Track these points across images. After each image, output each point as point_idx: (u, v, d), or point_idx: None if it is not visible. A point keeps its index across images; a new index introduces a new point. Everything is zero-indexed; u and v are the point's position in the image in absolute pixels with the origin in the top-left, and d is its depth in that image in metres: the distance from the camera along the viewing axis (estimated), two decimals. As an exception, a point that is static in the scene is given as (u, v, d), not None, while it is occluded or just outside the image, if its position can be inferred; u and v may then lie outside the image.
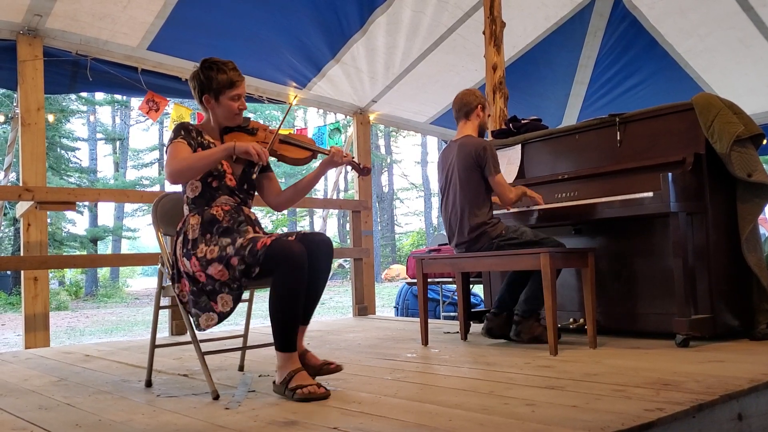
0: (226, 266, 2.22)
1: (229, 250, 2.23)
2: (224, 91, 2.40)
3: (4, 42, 4.32)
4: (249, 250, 2.19)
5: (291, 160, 2.53)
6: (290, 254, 2.15)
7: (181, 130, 2.39)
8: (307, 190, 2.57)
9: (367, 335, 4.12)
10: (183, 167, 2.27)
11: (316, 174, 2.54)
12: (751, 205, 3.08)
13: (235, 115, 2.45)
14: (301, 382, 2.13)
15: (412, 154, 35.89)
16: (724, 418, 1.82)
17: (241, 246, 2.22)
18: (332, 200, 8.63)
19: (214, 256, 2.24)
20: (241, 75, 2.45)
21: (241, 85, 2.43)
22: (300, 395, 2.08)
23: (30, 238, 4.26)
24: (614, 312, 3.40)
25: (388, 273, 20.41)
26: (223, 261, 2.22)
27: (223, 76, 2.39)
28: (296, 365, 2.19)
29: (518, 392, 2.08)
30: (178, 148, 2.33)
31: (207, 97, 2.42)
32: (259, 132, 2.52)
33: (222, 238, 2.30)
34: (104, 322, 11.87)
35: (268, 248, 2.16)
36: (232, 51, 5.08)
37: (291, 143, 2.55)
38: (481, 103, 3.42)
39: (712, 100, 3.09)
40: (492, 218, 3.27)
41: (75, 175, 21.42)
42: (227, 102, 2.41)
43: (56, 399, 2.32)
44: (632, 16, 5.72)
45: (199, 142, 2.42)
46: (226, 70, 2.40)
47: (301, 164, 2.59)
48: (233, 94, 2.41)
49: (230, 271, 2.22)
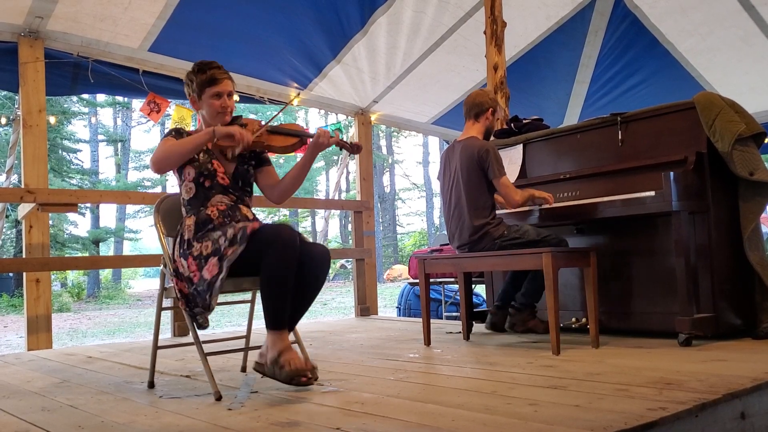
0: (219, 259, 2.23)
1: (221, 242, 2.25)
2: (205, 89, 2.45)
3: (5, 44, 4.33)
4: (240, 236, 2.22)
5: (279, 149, 2.53)
6: (279, 232, 2.18)
7: (173, 131, 2.48)
8: (302, 175, 2.56)
9: (370, 335, 4.12)
10: (166, 155, 2.33)
11: (307, 158, 2.53)
12: (753, 204, 3.08)
13: (217, 114, 2.47)
14: (289, 358, 2.16)
15: (414, 155, 35.95)
16: (726, 417, 1.81)
17: (233, 235, 2.24)
18: (334, 201, 8.64)
19: (209, 251, 2.26)
20: (226, 74, 2.47)
21: (223, 83, 2.45)
22: (288, 371, 2.13)
23: (32, 240, 4.26)
24: (616, 311, 3.39)
25: (390, 273, 20.39)
26: (218, 254, 2.24)
27: (203, 75, 2.45)
28: (285, 343, 2.21)
29: (521, 392, 2.08)
30: (166, 142, 2.40)
31: (193, 97, 2.49)
32: (249, 126, 2.52)
33: (212, 233, 2.32)
34: (106, 323, 11.88)
35: (257, 230, 2.21)
36: (233, 52, 5.09)
37: (279, 132, 2.54)
38: (493, 106, 3.42)
39: (714, 99, 3.09)
40: (494, 218, 3.27)
41: (76, 176, 21.45)
42: (208, 100, 2.46)
43: (59, 401, 2.32)
44: (633, 15, 5.72)
45: None
46: (206, 69, 2.45)
47: (289, 152, 2.58)
48: (213, 92, 2.44)
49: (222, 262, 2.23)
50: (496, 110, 3.44)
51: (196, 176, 2.42)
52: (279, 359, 2.17)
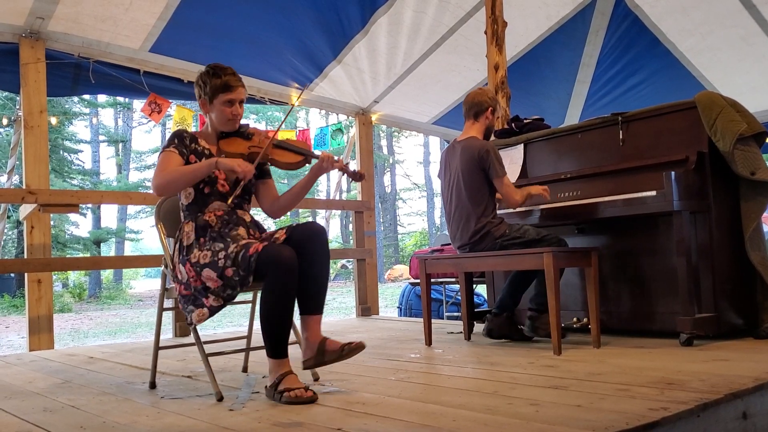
0: (220, 277, 2.21)
1: (221, 256, 2.22)
2: (218, 95, 2.42)
3: (6, 45, 4.33)
4: (242, 257, 2.18)
5: (283, 164, 2.51)
6: (279, 260, 2.14)
7: (175, 138, 2.43)
8: (301, 195, 2.56)
9: (371, 336, 4.12)
10: (166, 182, 2.30)
11: (308, 179, 2.51)
12: (755, 203, 3.07)
13: (227, 120, 2.45)
14: (289, 385, 2.13)
15: (415, 155, 35.95)
16: (728, 417, 1.81)
17: (235, 254, 2.20)
18: (335, 201, 8.64)
19: (207, 261, 2.24)
20: (240, 81, 2.44)
21: (237, 90, 2.42)
22: (287, 398, 2.09)
23: (33, 241, 4.27)
24: (618, 311, 3.39)
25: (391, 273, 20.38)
26: (218, 270, 2.21)
27: (218, 80, 2.41)
28: (285, 369, 2.19)
29: (522, 392, 2.08)
30: (167, 158, 2.36)
31: (203, 100, 2.46)
32: (255, 137, 2.51)
33: (215, 243, 2.30)
34: (108, 324, 11.89)
35: (259, 255, 2.16)
36: (234, 52, 5.09)
37: (285, 148, 2.53)
38: (492, 105, 3.40)
39: (715, 99, 3.09)
40: (495, 218, 3.27)
41: (78, 177, 21.47)
42: (220, 106, 2.43)
43: (60, 401, 2.33)
44: (634, 15, 5.71)
45: (193, 149, 2.44)
46: (221, 75, 2.42)
47: (293, 168, 2.56)
48: (226, 99, 2.41)
49: (225, 281, 2.22)
50: (495, 109, 3.43)
51: (197, 182, 2.41)
52: (278, 386, 2.15)
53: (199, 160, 2.41)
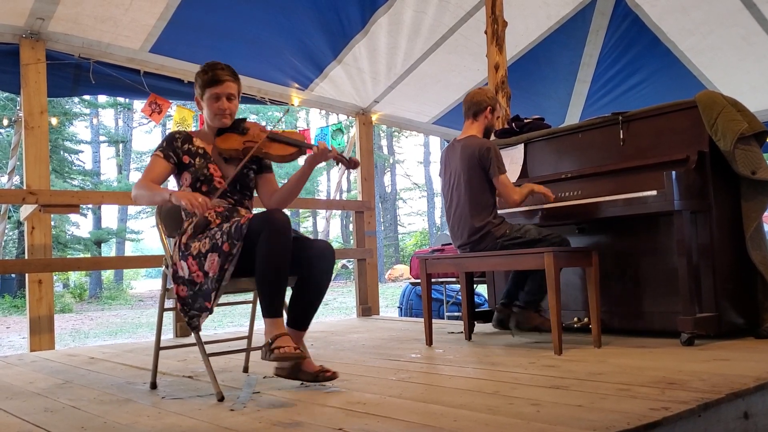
0: (218, 254, 2.23)
1: (218, 237, 2.26)
2: (206, 90, 2.46)
3: (6, 46, 4.33)
4: (235, 228, 2.22)
5: (276, 157, 2.51)
6: (271, 219, 2.18)
7: (164, 141, 2.48)
8: (297, 188, 2.57)
9: (371, 336, 4.12)
10: (134, 196, 2.43)
11: (303, 171, 2.52)
12: (756, 203, 3.07)
13: (215, 116, 2.47)
14: (281, 344, 2.17)
15: (415, 155, 35.94)
16: (730, 417, 1.81)
17: (229, 228, 2.25)
18: (335, 201, 8.64)
19: (208, 247, 2.27)
20: (228, 76, 2.45)
21: (223, 84, 2.44)
22: (276, 354, 2.14)
23: (34, 241, 4.27)
24: (618, 311, 3.39)
25: (392, 273, 20.37)
26: (218, 250, 2.24)
27: (206, 75, 2.45)
28: (280, 330, 2.22)
29: (523, 392, 2.07)
30: (152, 163, 2.44)
31: (197, 97, 2.51)
32: (251, 131, 2.51)
33: (211, 231, 2.33)
34: (108, 324, 11.89)
35: (250, 220, 2.21)
36: (234, 53, 5.09)
37: (279, 140, 2.52)
38: (492, 105, 3.40)
39: (716, 98, 3.09)
40: (496, 218, 3.27)
41: (78, 177, 21.46)
42: (208, 101, 2.46)
43: (61, 401, 2.33)
44: (634, 14, 5.71)
45: (186, 150, 2.47)
46: (208, 70, 2.45)
47: (287, 161, 2.55)
48: (213, 93, 2.44)
49: (223, 257, 2.23)
50: (495, 108, 3.42)
51: (193, 181, 2.44)
52: (271, 344, 2.18)
53: (193, 160, 2.46)
